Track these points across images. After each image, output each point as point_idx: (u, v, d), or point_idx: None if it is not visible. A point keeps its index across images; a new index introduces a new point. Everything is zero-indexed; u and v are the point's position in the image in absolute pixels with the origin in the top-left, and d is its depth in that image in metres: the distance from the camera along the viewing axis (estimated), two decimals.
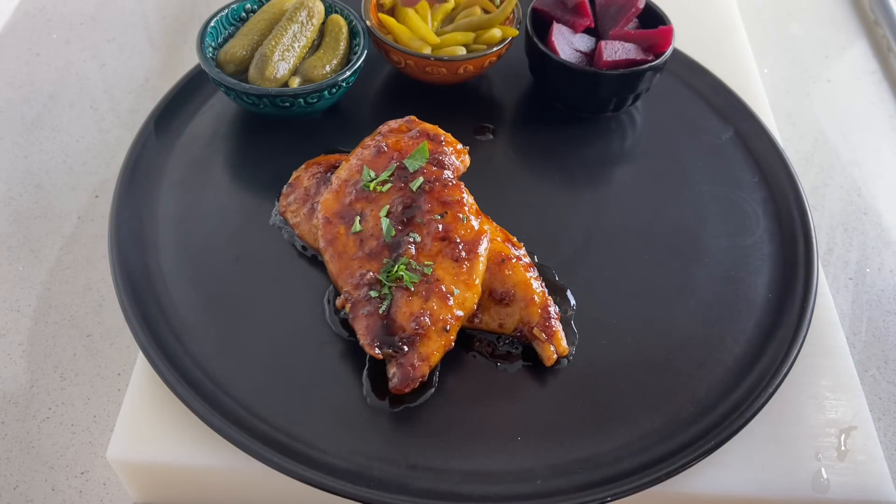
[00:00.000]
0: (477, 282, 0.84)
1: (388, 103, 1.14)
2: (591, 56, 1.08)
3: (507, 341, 0.88)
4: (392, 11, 1.13)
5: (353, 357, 0.85)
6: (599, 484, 0.77)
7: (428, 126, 0.95)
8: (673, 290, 0.94)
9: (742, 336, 0.90)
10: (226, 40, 1.09)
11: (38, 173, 1.17)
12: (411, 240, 0.85)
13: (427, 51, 1.07)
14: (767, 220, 1.02)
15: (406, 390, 0.79)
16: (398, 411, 0.81)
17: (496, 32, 1.09)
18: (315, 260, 0.93)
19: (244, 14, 1.11)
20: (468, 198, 0.89)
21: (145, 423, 0.81)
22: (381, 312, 0.81)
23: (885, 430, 0.96)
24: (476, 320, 0.87)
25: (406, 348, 0.79)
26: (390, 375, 0.80)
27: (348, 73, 1.03)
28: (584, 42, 1.09)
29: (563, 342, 0.85)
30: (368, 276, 0.83)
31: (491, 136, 1.10)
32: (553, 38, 1.06)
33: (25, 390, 0.94)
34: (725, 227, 1.01)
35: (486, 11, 1.13)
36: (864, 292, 1.11)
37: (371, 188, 0.89)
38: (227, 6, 1.09)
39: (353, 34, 1.09)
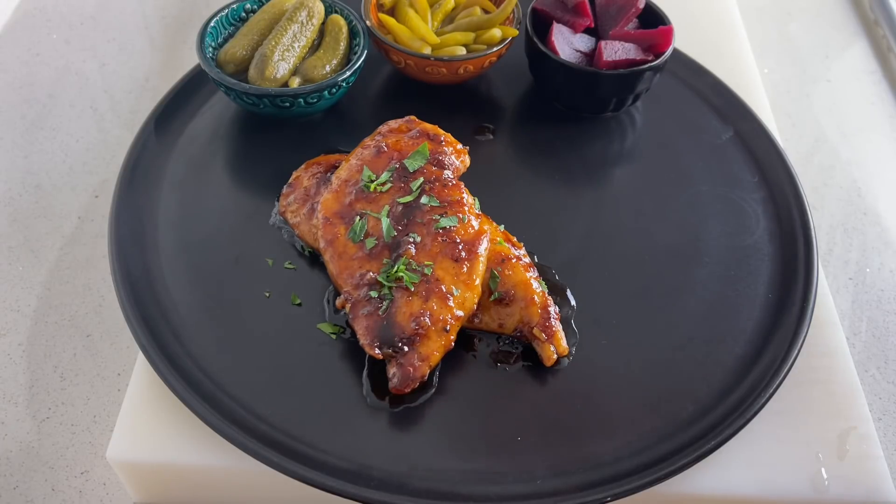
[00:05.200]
0: (477, 282, 0.84)
1: (388, 103, 1.14)
2: (591, 56, 1.08)
3: (507, 341, 0.88)
4: (392, 11, 1.13)
5: (353, 357, 0.85)
6: (599, 484, 0.77)
7: (428, 126, 0.95)
8: (673, 290, 0.94)
9: (742, 336, 0.90)
10: (226, 40, 1.09)
11: (38, 173, 1.17)
12: (411, 240, 0.85)
13: (427, 51, 1.07)
14: (767, 220, 1.02)
15: (406, 390, 0.79)
16: (398, 411, 0.81)
17: (496, 32, 1.09)
18: (315, 260, 0.93)
19: (244, 14, 1.11)
20: (468, 198, 0.89)
21: (145, 423, 0.81)
22: (380, 313, 0.81)
23: (885, 430, 0.96)
24: (476, 320, 0.87)
25: (406, 348, 0.79)
26: (390, 375, 0.80)
27: (348, 73, 1.03)
28: (584, 42, 1.09)
29: (563, 342, 0.85)
30: (368, 277, 0.83)
31: (491, 136, 1.10)
32: (553, 38, 1.06)
33: (25, 390, 0.94)
34: (725, 227, 1.01)
35: (486, 11, 1.13)
36: (864, 292, 1.11)
37: (371, 189, 0.89)
38: (227, 6, 1.09)
39: (353, 34, 1.09)
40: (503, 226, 0.94)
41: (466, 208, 0.87)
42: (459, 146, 0.95)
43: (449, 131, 0.96)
